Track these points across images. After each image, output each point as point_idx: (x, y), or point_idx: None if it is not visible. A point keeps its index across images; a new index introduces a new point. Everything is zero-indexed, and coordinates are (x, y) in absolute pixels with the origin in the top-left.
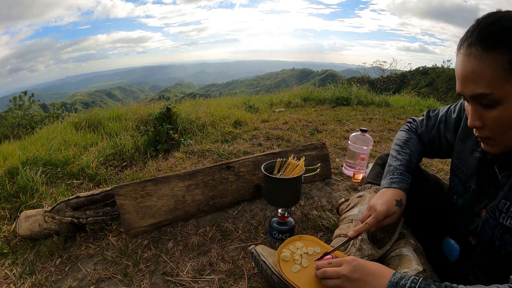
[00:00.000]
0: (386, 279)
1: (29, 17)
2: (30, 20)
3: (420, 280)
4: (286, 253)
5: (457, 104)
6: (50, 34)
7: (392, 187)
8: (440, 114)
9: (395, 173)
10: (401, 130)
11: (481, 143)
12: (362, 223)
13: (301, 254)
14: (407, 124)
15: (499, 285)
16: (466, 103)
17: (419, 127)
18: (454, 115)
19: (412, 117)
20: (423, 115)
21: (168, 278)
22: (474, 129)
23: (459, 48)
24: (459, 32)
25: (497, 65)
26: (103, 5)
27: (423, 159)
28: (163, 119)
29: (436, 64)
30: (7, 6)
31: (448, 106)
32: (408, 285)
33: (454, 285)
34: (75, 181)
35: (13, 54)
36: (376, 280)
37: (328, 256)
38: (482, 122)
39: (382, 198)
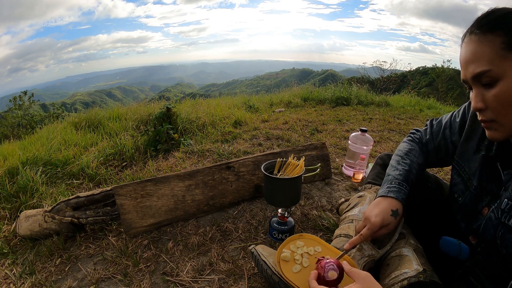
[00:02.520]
0: None
1: (31, 17)
2: (32, 21)
3: None
4: (287, 253)
5: (460, 109)
6: (51, 34)
7: (389, 196)
8: (444, 121)
9: (393, 183)
10: (403, 142)
11: (486, 131)
12: (357, 233)
13: (301, 254)
14: (410, 135)
15: None
16: (471, 93)
17: (423, 136)
18: (458, 119)
19: (415, 128)
20: (426, 125)
21: (168, 278)
22: (478, 114)
23: (462, 40)
24: (458, 32)
25: (494, 45)
26: (104, 5)
27: None
28: (163, 119)
29: (436, 64)
30: (9, 7)
31: (451, 112)
32: None
33: None
34: (75, 181)
35: (14, 54)
36: None
37: (329, 261)
38: (485, 104)
39: (377, 209)
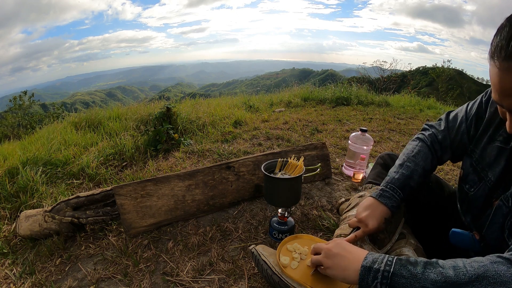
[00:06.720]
0: (359, 263)
1: (46, 20)
2: (45, 22)
3: (394, 260)
4: (286, 258)
5: (475, 101)
6: (61, 35)
7: (381, 202)
8: (460, 115)
9: (388, 186)
10: (413, 140)
11: None
12: (351, 227)
13: (299, 253)
14: (422, 132)
15: (482, 257)
16: (501, 108)
17: (438, 133)
18: (473, 112)
19: (428, 123)
20: (440, 119)
21: (168, 278)
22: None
23: (493, 58)
24: (458, 32)
25: None
26: (114, 9)
27: None
28: (163, 119)
29: (436, 64)
30: (26, 10)
31: (466, 104)
32: (382, 268)
33: (433, 260)
34: (75, 181)
35: (22, 53)
36: (353, 256)
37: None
38: None
39: (374, 215)
